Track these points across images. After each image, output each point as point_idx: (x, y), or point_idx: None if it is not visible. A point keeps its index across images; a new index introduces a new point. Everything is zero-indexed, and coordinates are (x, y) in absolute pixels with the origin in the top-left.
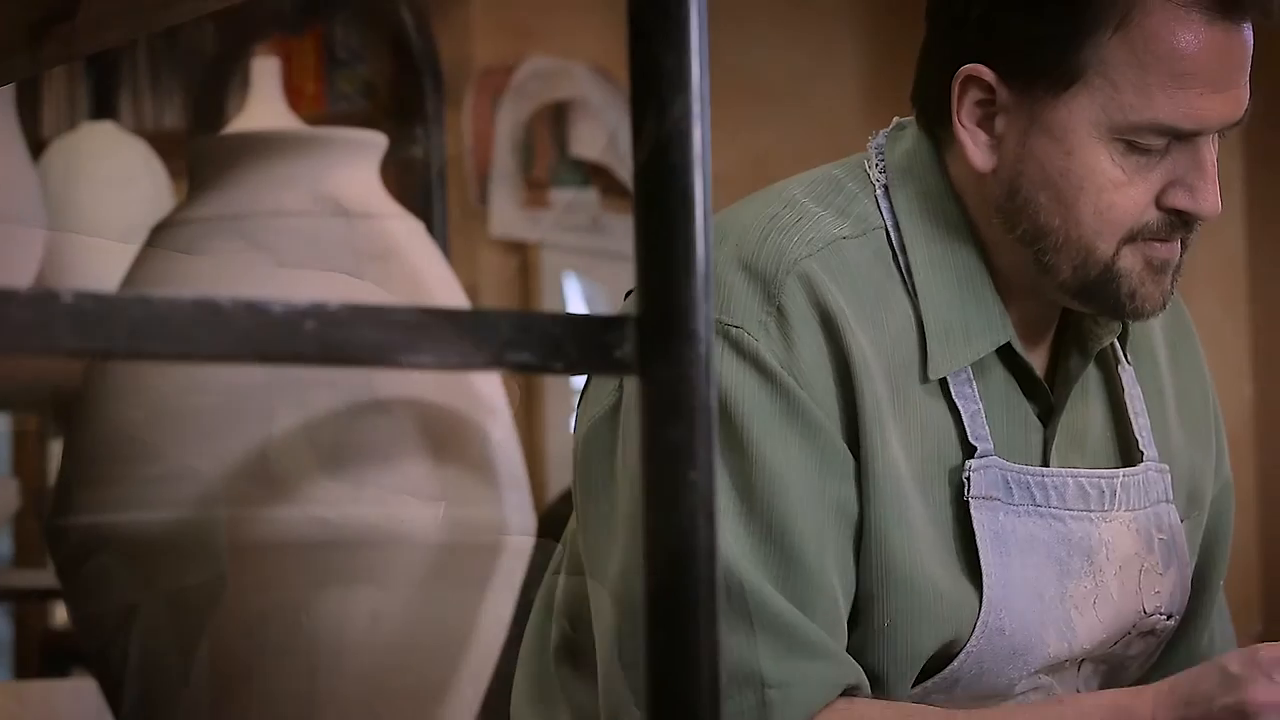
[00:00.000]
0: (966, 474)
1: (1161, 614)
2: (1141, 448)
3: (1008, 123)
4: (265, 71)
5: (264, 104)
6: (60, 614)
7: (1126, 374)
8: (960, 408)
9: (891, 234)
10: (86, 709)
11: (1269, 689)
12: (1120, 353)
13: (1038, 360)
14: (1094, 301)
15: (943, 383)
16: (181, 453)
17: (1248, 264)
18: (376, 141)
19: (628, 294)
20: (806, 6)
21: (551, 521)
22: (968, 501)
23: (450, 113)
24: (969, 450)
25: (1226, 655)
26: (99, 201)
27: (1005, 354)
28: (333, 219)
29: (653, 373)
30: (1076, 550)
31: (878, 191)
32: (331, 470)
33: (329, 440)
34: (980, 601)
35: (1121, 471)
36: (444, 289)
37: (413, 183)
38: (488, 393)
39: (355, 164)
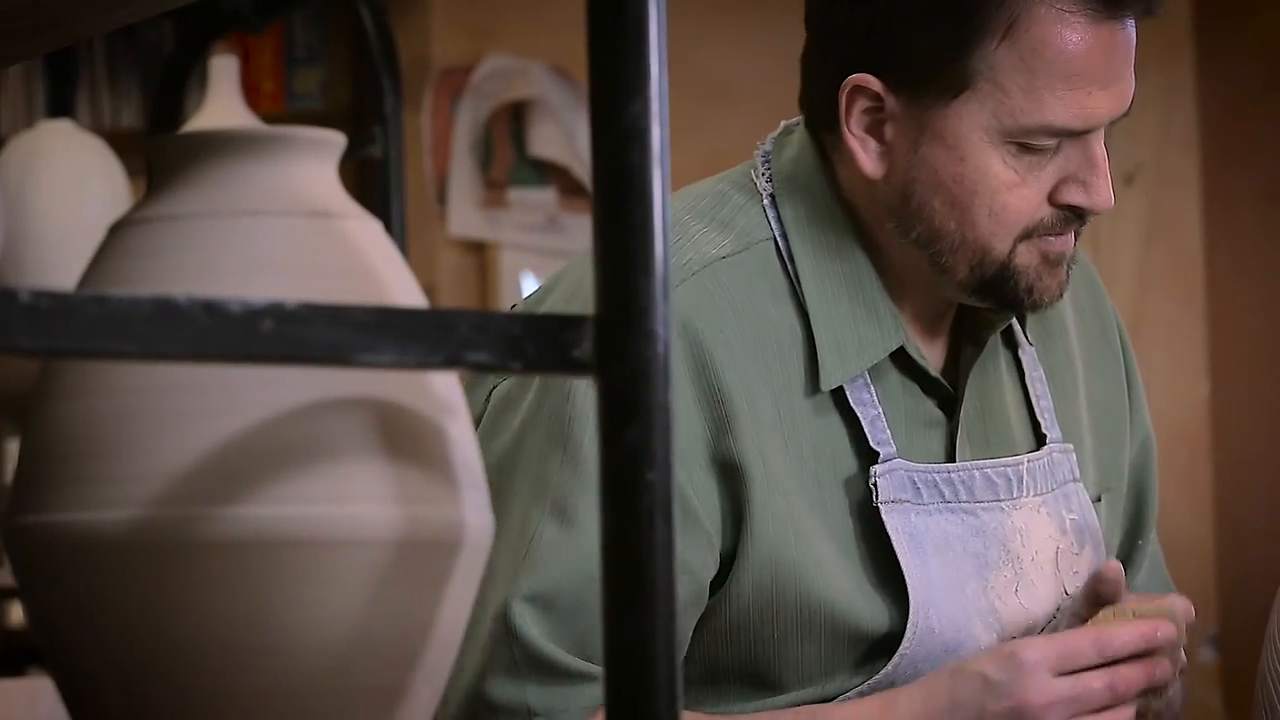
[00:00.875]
0: (873, 480)
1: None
2: (1044, 430)
3: (897, 130)
4: (223, 70)
5: (222, 103)
6: (17, 613)
7: (1027, 355)
8: (859, 414)
9: (780, 244)
10: (43, 708)
11: (1044, 687)
12: (1021, 334)
13: (935, 354)
14: (992, 298)
15: (838, 392)
16: (139, 452)
17: (1204, 263)
18: (334, 141)
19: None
20: (765, 7)
21: None
22: (878, 508)
23: (408, 112)
24: (872, 456)
25: (979, 659)
26: (56, 200)
27: (899, 356)
28: (290, 218)
29: (610, 372)
30: (992, 541)
31: (765, 201)
32: (287, 470)
33: (285, 439)
34: (904, 605)
35: (1026, 458)
36: (402, 289)
37: (371, 182)
38: (445, 392)
39: (313, 163)
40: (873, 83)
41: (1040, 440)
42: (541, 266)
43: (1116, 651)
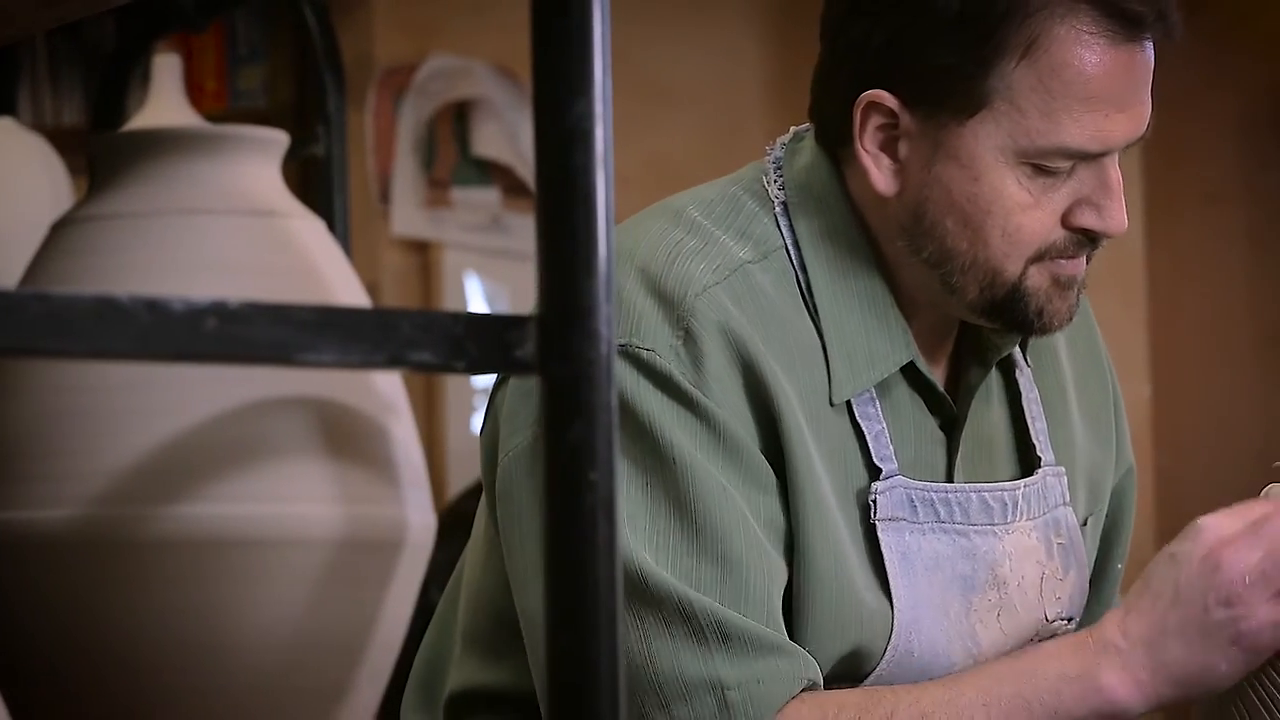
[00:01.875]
0: (872, 497)
1: (1063, 618)
2: (1039, 453)
3: (912, 148)
4: (166, 68)
5: (165, 101)
6: None
7: (1024, 377)
8: (864, 429)
9: (792, 254)
10: None
11: (1270, 608)
12: (1021, 356)
13: (939, 372)
14: (1001, 319)
15: (846, 404)
16: (81, 450)
17: (1146, 263)
18: (278, 140)
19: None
20: (711, 9)
21: (452, 519)
22: (875, 524)
23: (352, 111)
24: (875, 472)
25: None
26: None
27: (907, 370)
28: (233, 217)
29: (553, 372)
30: (981, 564)
31: (777, 209)
32: (230, 469)
33: (228, 439)
34: (889, 623)
35: (1022, 483)
36: (345, 288)
37: (314, 181)
38: (388, 391)
39: (256, 162)
40: (888, 99)
41: (1033, 463)
42: (485, 266)
43: None
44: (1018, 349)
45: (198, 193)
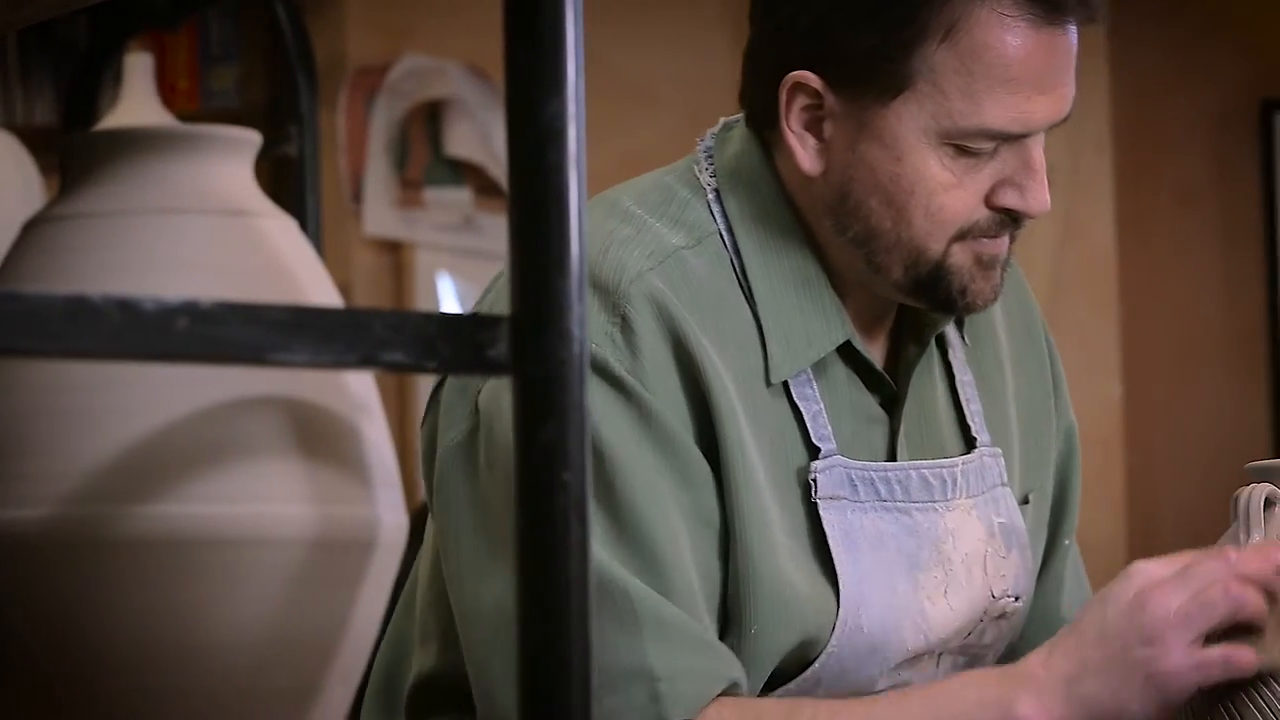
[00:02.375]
0: (812, 475)
1: (1009, 596)
2: (974, 433)
3: (836, 128)
4: (138, 67)
5: (137, 100)
6: None
7: (957, 359)
8: (802, 409)
9: (725, 238)
10: None
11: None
12: (957, 335)
13: (877, 351)
14: (926, 298)
15: (784, 385)
16: (53, 450)
17: (1118, 265)
18: (250, 139)
19: (485, 292)
20: (684, 9)
21: (424, 519)
22: (816, 503)
23: (324, 111)
24: (814, 452)
25: (1116, 596)
26: None
27: (845, 350)
28: (206, 216)
29: (526, 372)
30: (925, 541)
31: (709, 196)
32: (203, 468)
33: (200, 438)
34: (837, 602)
35: (960, 460)
36: (317, 288)
37: (286, 181)
38: (361, 391)
39: (229, 161)
40: (813, 80)
41: (970, 443)
42: (457, 266)
43: (1239, 566)
44: (954, 327)
45: (170, 192)
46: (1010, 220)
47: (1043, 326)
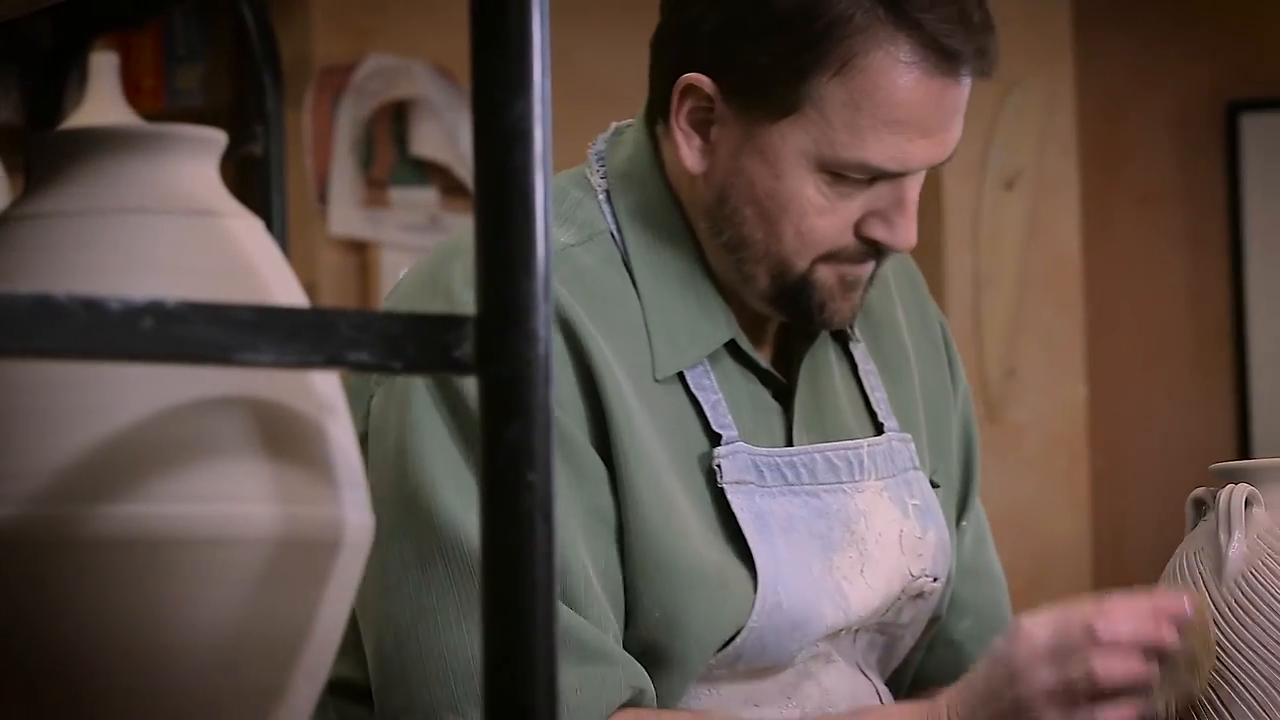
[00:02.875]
0: (716, 462)
1: (928, 576)
2: (881, 419)
3: (723, 134)
4: (103, 67)
5: (102, 99)
6: None
7: (859, 349)
8: (700, 399)
9: (615, 237)
10: None
11: (1037, 678)
12: (851, 329)
13: (767, 347)
14: (788, 310)
15: (681, 376)
16: (17, 449)
17: (1083, 266)
18: (215, 139)
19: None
20: (649, 10)
21: None
22: (723, 489)
23: (290, 111)
24: (715, 439)
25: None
26: None
27: (734, 349)
28: (171, 216)
29: (491, 373)
30: (836, 522)
31: (600, 197)
32: (168, 468)
33: (165, 438)
34: (754, 580)
35: (865, 442)
36: (283, 288)
37: (252, 181)
38: (326, 391)
39: (194, 161)
40: (707, 84)
41: (878, 429)
42: None
43: (1107, 636)
44: (849, 324)
45: (135, 191)
46: (875, 251)
47: (937, 314)
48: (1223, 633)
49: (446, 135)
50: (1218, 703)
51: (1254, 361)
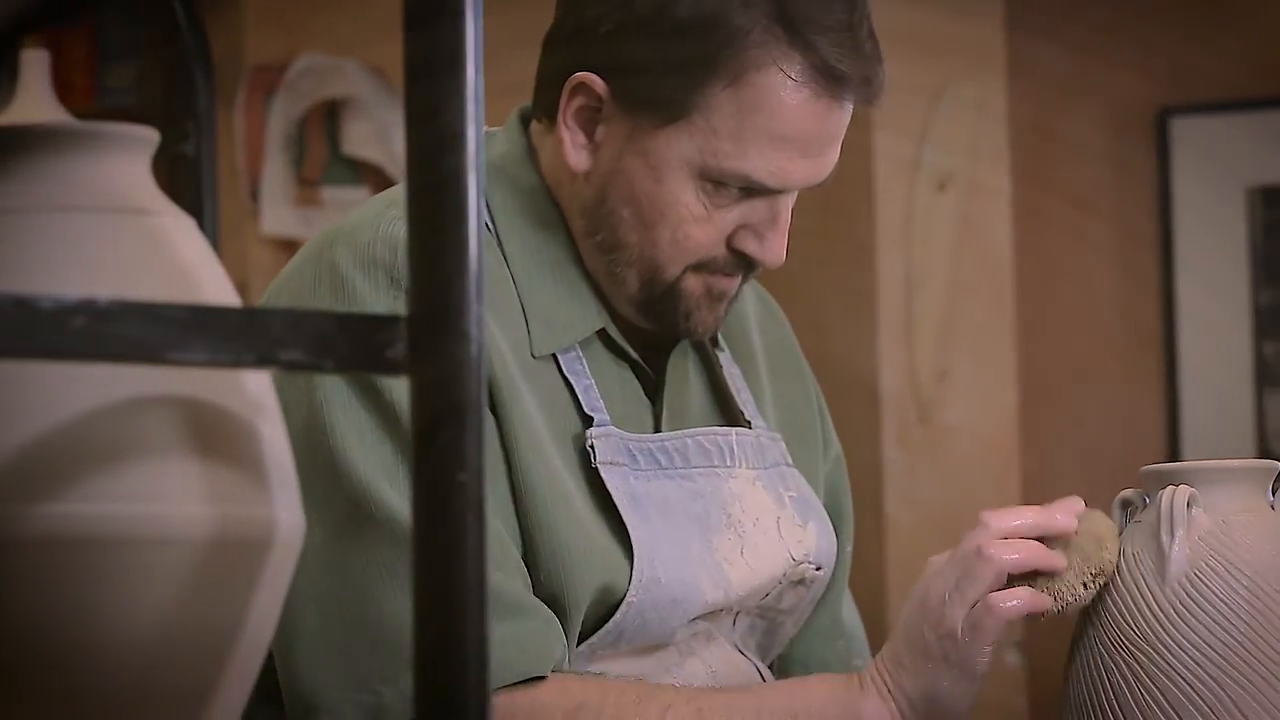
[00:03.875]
0: (590, 443)
1: (810, 563)
2: (748, 417)
3: (608, 135)
4: (34, 64)
5: (33, 97)
6: None
7: (724, 354)
8: (572, 382)
9: (490, 226)
10: None
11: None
12: (716, 338)
13: (638, 339)
14: (654, 316)
15: (554, 358)
16: None
17: (1014, 269)
18: (147, 137)
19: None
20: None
21: None
22: (597, 468)
23: (222, 109)
24: (587, 421)
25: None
26: None
27: (606, 338)
28: (102, 214)
29: (423, 372)
30: (712, 505)
31: None
32: (98, 467)
33: (96, 437)
34: (631, 556)
35: (734, 431)
36: (215, 287)
37: (184, 179)
38: (258, 391)
39: (126, 159)
40: (598, 84)
41: (747, 424)
42: None
43: (997, 522)
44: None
45: (66, 189)
46: (744, 264)
47: (804, 364)
48: (1167, 634)
49: (379, 135)
50: (1164, 704)
51: (1183, 366)
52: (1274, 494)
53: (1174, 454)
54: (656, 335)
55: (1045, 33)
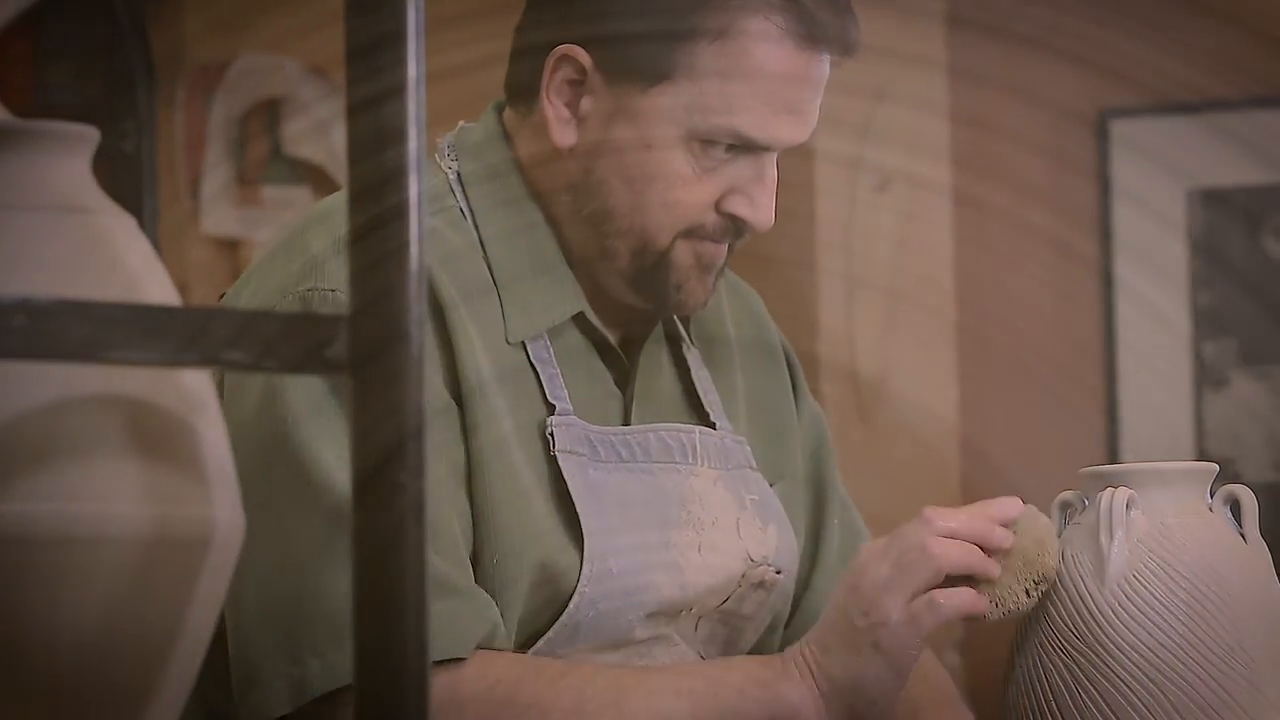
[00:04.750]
0: (550, 430)
1: (770, 565)
2: (714, 419)
3: (594, 105)
4: None
5: None
6: None
7: (693, 354)
8: (538, 370)
9: (465, 214)
10: None
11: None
12: (686, 335)
13: (617, 330)
14: (644, 289)
15: (523, 345)
16: None
17: (955, 270)
18: (88, 135)
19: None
20: (523, 6)
21: None
22: (556, 456)
23: (162, 108)
24: (551, 409)
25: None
26: None
27: (581, 324)
28: (41, 213)
29: (364, 373)
30: (671, 500)
31: (451, 177)
32: (35, 466)
33: (34, 436)
34: (583, 545)
35: (697, 429)
36: (156, 286)
37: (124, 178)
38: (197, 389)
39: (66, 157)
40: (581, 55)
41: (711, 426)
42: None
43: (939, 520)
44: (684, 330)
45: (5, 187)
46: (734, 229)
47: (779, 336)
48: (1106, 635)
49: (320, 134)
50: (1103, 705)
51: (1123, 369)
52: (1212, 496)
53: (1113, 455)
54: (631, 325)
55: (986, 33)
